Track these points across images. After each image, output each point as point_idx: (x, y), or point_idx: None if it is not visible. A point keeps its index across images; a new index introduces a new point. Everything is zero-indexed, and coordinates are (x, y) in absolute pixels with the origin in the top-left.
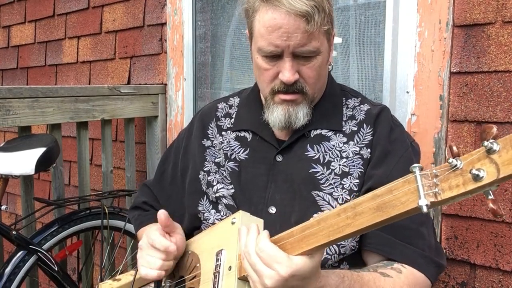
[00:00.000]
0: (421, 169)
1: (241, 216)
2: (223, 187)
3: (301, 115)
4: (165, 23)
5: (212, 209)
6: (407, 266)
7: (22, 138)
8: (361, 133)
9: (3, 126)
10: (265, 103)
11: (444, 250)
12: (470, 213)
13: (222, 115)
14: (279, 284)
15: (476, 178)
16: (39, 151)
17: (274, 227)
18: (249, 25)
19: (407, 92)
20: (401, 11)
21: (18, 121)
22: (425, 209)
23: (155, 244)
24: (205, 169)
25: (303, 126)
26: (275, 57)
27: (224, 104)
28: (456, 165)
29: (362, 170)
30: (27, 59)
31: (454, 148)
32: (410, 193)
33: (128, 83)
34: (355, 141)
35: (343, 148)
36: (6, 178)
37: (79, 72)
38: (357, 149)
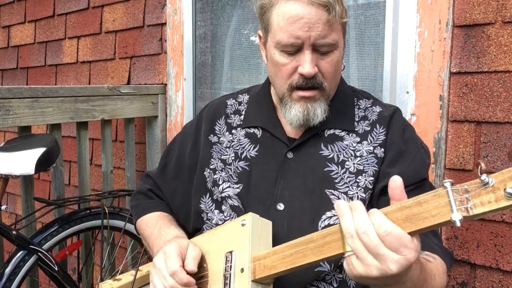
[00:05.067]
0: (452, 184)
1: (251, 218)
2: (229, 186)
3: (319, 112)
4: (165, 23)
5: (215, 209)
6: (435, 255)
7: (22, 138)
8: (375, 133)
9: (3, 126)
10: (280, 101)
11: None
12: None
13: (232, 112)
14: (403, 270)
15: (510, 196)
16: (39, 151)
17: (281, 224)
18: (265, 21)
19: (407, 92)
20: (401, 11)
21: (18, 121)
22: (458, 224)
23: (174, 278)
24: (211, 167)
25: (317, 125)
26: (294, 51)
27: (233, 100)
28: (488, 182)
29: (376, 169)
30: (27, 59)
31: (483, 165)
32: (441, 206)
33: (128, 83)
34: (369, 140)
35: (356, 147)
36: (6, 178)
37: (79, 72)
38: (371, 148)
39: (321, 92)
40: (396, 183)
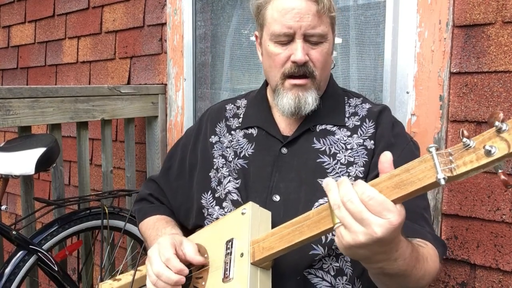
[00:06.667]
0: (437, 149)
1: (251, 206)
2: (229, 181)
3: (310, 100)
4: (165, 23)
5: (216, 205)
6: (427, 242)
7: (22, 138)
8: (364, 127)
9: (3, 126)
10: (274, 92)
11: None
12: (470, 213)
13: (231, 115)
14: (388, 234)
15: (489, 153)
16: (39, 151)
17: (278, 214)
18: (261, 18)
19: (407, 92)
20: (401, 11)
21: (18, 121)
22: (442, 182)
23: (168, 264)
24: (215, 167)
25: (310, 113)
26: (286, 41)
27: (232, 105)
28: (469, 144)
29: (366, 159)
30: (27, 59)
31: (465, 132)
32: (427, 170)
33: (128, 83)
34: (359, 134)
35: (347, 141)
36: (6, 178)
37: (79, 72)
38: (361, 141)
39: (312, 81)
40: (386, 157)
